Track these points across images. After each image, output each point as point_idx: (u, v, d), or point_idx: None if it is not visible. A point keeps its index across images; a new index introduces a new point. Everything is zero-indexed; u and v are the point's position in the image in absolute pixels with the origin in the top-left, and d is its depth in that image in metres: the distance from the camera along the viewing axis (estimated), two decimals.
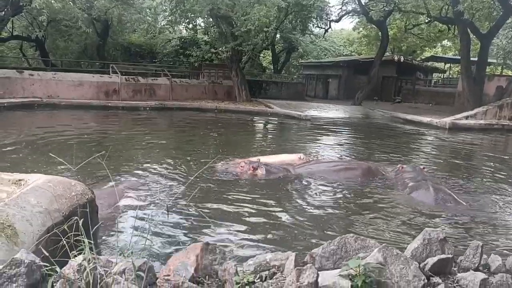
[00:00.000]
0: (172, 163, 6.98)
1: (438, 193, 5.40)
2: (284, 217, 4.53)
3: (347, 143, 11.40)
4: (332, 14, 24.84)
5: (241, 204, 4.88)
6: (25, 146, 7.82)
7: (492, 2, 17.69)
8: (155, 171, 6.35)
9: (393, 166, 7.31)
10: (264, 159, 6.94)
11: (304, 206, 4.98)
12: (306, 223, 4.41)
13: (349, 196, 5.59)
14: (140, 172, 6.29)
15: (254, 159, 6.65)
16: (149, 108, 16.57)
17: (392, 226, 4.45)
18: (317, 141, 11.24)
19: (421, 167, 6.97)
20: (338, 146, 10.48)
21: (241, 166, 6.31)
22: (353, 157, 8.82)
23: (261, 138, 12.42)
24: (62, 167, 5.42)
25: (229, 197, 5.15)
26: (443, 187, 5.81)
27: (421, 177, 6.14)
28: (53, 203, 2.85)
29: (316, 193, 5.56)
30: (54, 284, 1.76)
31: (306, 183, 5.99)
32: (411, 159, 9.05)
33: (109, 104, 16.38)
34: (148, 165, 6.79)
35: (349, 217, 4.73)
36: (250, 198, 5.13)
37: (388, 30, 25.32)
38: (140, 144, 9.06)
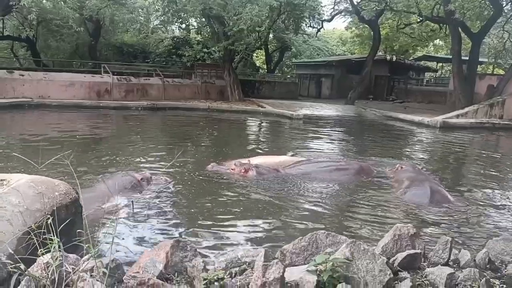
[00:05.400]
0: (163, 163, 6.96)
1: (434, 194, 5.32)
2: (267, 215, 4.53)
3: (340, 142, 11.44)
4: (324, 14, 24.93)
5: (225, 203, 4.89)
6: (13, 146, 7.77)
7: (483, 1, 17.81)
8: (144, 171, 6.33)
9: (390, 165, 7.30)
10: (255, 160, 6.93)
11: (290, 206, 4.98)
12: (289, 221, 4.42)
13: (338, 196, 5.57)
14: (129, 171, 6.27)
15: (244, 160, 6.65)
16: (141, 108, 16.52)
17: (379, 224, 4.45)
18: (310, 140, 11.26)
19: (420, 167, 6.95)
20: (331, 145, 10.51)
21: (232, 169, 6.29)
22: (345, 156, 8.83)
23: (253, 137, 12.43)
24: (49, 167, 5.39)
25: (215, 196, 5.15)
26: (441, 188, 5.74)
27: (420, 177, 6.08)
28: (35, 203, 2.83)
29: (303, 193, 5.54)
30: (21, 281, 1.76)
31: (295, 184, 5.97)
32: (402, 157, 9.08)
33: (101, 104, 16.32)
34: (137, 165, 6.77)
35: (336, 216, 4.74)
36: (236, 199, 5.13)
37: (380, 29, 25.41)
38: (131, 144, 9.03)
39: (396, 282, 1.92)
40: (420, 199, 5.28)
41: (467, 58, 20.08)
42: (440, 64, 34.88)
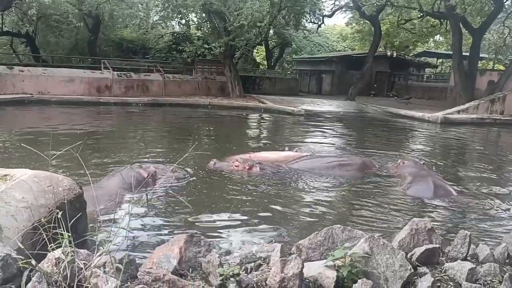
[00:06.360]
0: (163, 160, 6.91)
1: (438, 189, 5.28)
2: (275, 211, 4.50)
3: (341, 137, 11.40)
4: (325, 9, 24.88)
5: (232, 199, 4.85)
6: (14, 142, 7.71)
7: None
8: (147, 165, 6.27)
9: (391, 161, 7.27)
10: (256, 155, 6.87)
11: (296, 201, 4.95)
12: (297, 217, 4.38)
13: (342, 190, 5.55)
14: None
15: (245, 155, 6.57)
16: (141, 104, 16.44)
17: (387, 219, 4.42)
18: (311, 136, 11.23)
19: (422, 162, 6.90)
20: (332, 141, 10.47)
21: (235, 165, 6.22)
22: (347, 151, 8.79)
23: (255, 133, 12.37)
24: (53, 162, 5.33)
25: (220, 192, 5.11)
26: (444, 182, 5.71)
27: (422, 172, 6.03)
28: (39, 198, 2.79)
29: (308, 189, 5.51)
30: (32, 278, 1.71)
31: (298, 179, 5.93)
32: (404, 153, 9.05)
33: (101, 100, 16.23)
34: (140, 160, 6.71)
35: (343, 211, 4.70)
36: (241, 194, 5.09)
37: (381, 25, 25.33)
38: (131, 140, 8.98)
39: (416, 277, 1.88)
40: (424, 194, 5.25)
41: (467, 54, 20.03)
42: (440, 60, 34.82)
